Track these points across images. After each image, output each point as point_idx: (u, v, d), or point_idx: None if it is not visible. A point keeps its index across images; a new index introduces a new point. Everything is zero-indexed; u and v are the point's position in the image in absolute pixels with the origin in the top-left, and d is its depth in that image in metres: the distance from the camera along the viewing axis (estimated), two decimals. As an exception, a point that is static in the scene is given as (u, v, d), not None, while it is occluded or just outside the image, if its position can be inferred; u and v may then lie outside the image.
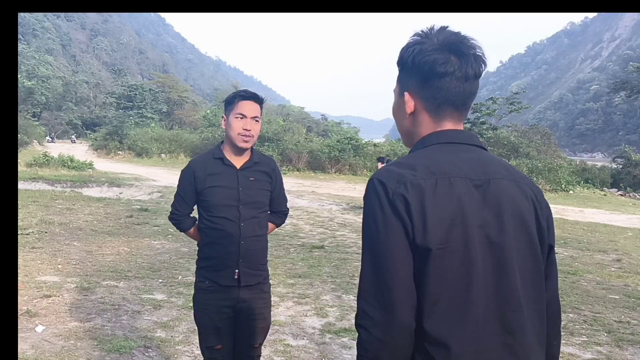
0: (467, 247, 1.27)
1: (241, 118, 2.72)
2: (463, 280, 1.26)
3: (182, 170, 2.88)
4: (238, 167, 2.79)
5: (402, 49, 1.44)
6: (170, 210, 2.93)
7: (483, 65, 1.40)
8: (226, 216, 2.74)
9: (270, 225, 3.01)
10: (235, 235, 2.74)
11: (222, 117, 2.85)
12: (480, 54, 1.39)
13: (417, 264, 1.26)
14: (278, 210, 3.05)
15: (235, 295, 2.77)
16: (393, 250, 1.25)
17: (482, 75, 1.45)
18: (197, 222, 2.93)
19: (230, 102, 2.79)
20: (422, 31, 1.42)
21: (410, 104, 1.43)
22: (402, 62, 1.44)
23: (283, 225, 3.30)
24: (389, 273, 1.25)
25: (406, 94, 1.43)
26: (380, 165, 16.45)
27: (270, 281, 3.01)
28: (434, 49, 1.36)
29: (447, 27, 1.40)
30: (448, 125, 1.42)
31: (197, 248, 2.92)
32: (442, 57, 1.35)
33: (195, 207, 2.92)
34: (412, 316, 1.25)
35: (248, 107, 2.74)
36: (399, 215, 1.25)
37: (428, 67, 1.36)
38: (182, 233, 3.03)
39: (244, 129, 2.71)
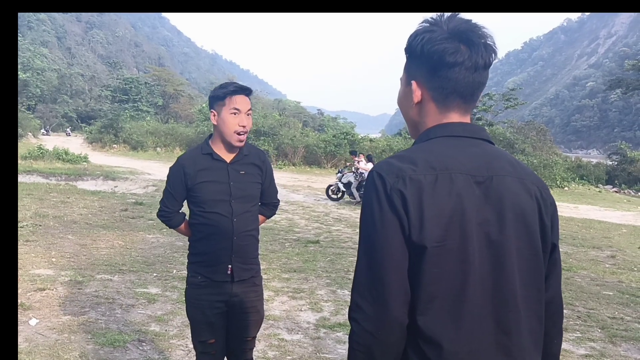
0: (464, 246, 1.25)
1: (236, 114, 2.66)
2: (459, 278, 1.25)
3: (170, 167, 2.82)
4: (228, 161, 2.75)
5: (411, 37, 1.39)
6: (159, 207, 2.88)
7: (493, 54, 1.36)
8: (218, 211, 2.70)
9: (260, 217, 2.98)
10: (228, 231, 2.70)
11: (211, 111, 2.76)
12: (491, 43, 1.36)
13: (412, 261, 1.25)
14: (268, 202, 3.02)
15: (228, 290, 2.75)
16: (388, 245, 1.24)
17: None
18: (186, 218, 2.90)
19: (221, 97, 2.69)
20: (431, 18, 1.37)
21: (417, 93, 1.39)
22: (410, 50, 1.40)
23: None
24: (383, 268, 1.24)
25: (413, 83, 1.40)
26: (354, 159, 16.62)
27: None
28: (444, 38, 1.32)
29: (457, 14, 1.37)
30: (454, 116, 1.39)
31: (189, 243, 2.89)
32: (452, 46, 1.32)
33: (184, 203, 2.88)
34: (405, 312, 1.24)
35: (242, 101, 2.68)
36: (395, 211, 1.24)
37: (437, 57, 1.33)
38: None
39: (240, 126, 2.66)
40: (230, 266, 2.73)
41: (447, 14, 1.37)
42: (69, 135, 56.89)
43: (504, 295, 1.28)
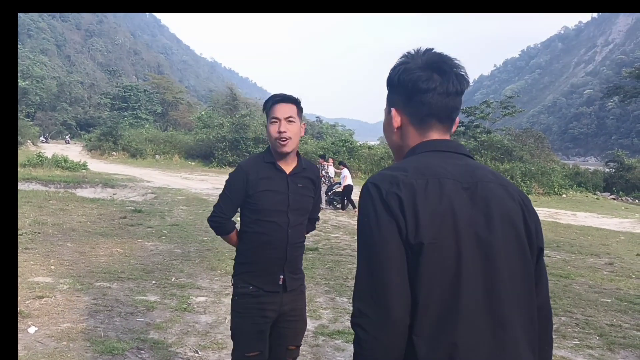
0: (457, 243, 1.31)
1: (275, 122, 2.74)
2: (454, 274, 1.30)
3: (231, 173, 2.86)
4: (287, 172, 2.80)
5: (391, 70, 1.53)
6: (213, 211, 2.87)
7: (465, 83, 1.48)
8: (275, 221, 2.73)
9: None
10: (282, 241, 2.73)
11: (266, 125, 2.86)
12: (462, 73, 1.48)
13: (410, 261, 1.30)
14: (312, 217, 3.05)
15: (279, 300, 2.76)
16: (387, 249, 1.30)
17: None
18: (237, 227, 2.91)
19: (265, 111, 2.81)
20: (408, 52, 1.52)
21: (397, 118, 1.52)
22: (389, 81, 1.54)
23: None
24: (383, 271, 1.29)
25: (393, 110, 1.53)
26: (322, 163, 16.77)
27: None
28: (418, 68, 1.46)
29: (432, 49, 1.51)
30: (434, 135, 1.50)
31: (237, 253, 2.89)
32: (425, 74, 1.45)
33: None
34: (407, 313, 1.29)
35: (280, 109, 2.75)
36: (392, 214, 1.31)
37: (412, 84, 1.46)
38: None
39: (278, 132, 2.72)
40: (282, 276, 2.75)
41: (423, 49, 1.51)
42: (68, 143, 56.92)
43: (497, 292, 1.33)
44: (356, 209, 15.59)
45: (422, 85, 1.44)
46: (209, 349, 4.61)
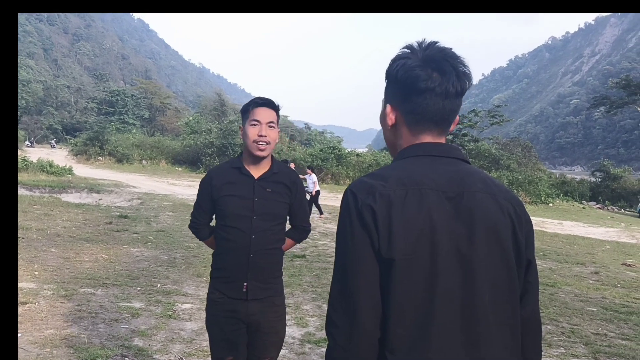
0: (433, 259, 1.27)
1: (255, 125, 2.69)
2: (427, 291, 1.27)
3: (201, 179, 2.86)
4: (256, 177, 2.74)
5: (391, 61, 1.45)
6: (190, 218, 2.91)
7: (467, 82, 1.40)
8: (238, 226, 2.68)
9: (288, 240, 2.96)
10: (244, 247, 2.68)
11: (240, 127, 2.82)
12: (465, 71, 1.39)
13: (383, 275, 1.28)
14: (298, 225, 3.00)
15: (244, 308, 2.71)
16: (358, 260, 1.28)
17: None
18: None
19: (245, 111, 2.76)
20: (410, 45, 1.43)
21: (391, 116, 1.45)
22: (388, 75, 1.46)
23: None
24: (353, 282, 1.28)
25: (388, 106, 1.46)
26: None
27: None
28: (417, 65, 1.38)
29: (437, 42, 1.41)
30: (427, 138, 1.43)
31: (212, 258, 2.89)
32: (424, 73, 1.36)
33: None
34: (376, 324, 1.27)
35: (262, 113, 2.70)
36: (365, 226, 1.28)
37: (410, 82, 1.38)
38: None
39: (258, 135, 2.67)
40: (245, 284, 2.70)
41: (426, 42, 1.42)
42: (54, 147, 56.47)
43: (473, 309, 1.29)
44: (321, 216, 15.63)
45: (420, 85, 1.36)
46: (194, 357, 4.57)
